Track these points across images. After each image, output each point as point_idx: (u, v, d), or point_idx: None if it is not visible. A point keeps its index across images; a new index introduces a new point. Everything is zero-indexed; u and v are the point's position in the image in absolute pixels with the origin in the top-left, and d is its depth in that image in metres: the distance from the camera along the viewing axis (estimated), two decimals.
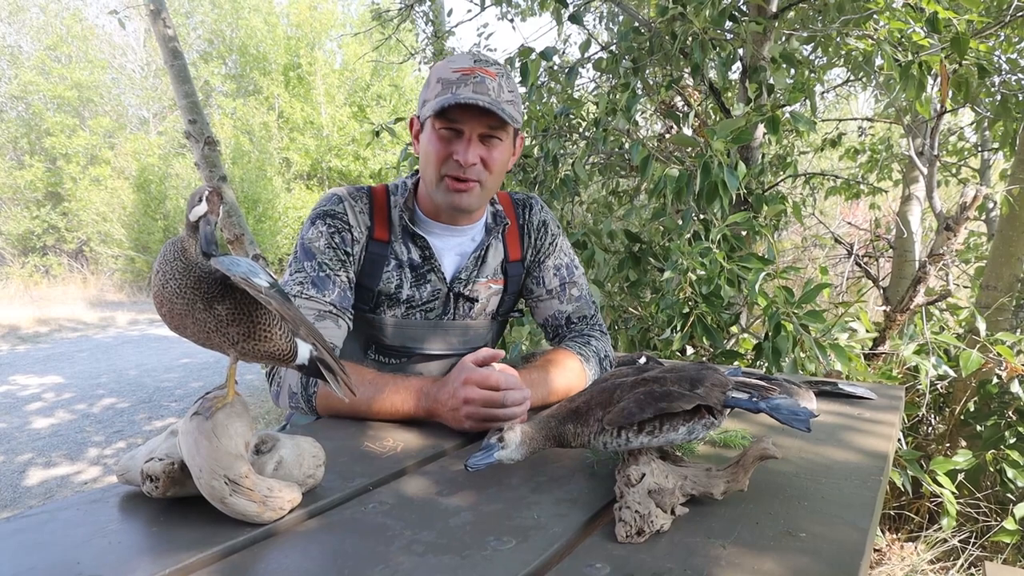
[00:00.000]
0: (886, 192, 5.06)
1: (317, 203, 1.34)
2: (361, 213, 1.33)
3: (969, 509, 2.41)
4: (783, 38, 2.78)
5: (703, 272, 2.06)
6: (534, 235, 1.44)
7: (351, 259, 1.30)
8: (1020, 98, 2.91)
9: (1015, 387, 2.23)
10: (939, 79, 2.48)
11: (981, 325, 2.34)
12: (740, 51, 2.68)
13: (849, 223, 6.00)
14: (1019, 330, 2.78)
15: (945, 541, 2.34)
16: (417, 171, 1.36)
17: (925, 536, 2.41)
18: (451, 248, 1.37)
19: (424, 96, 1.27)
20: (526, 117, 3.22)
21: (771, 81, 2.54)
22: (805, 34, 3.00)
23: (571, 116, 3.11)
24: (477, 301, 1.40)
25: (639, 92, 2.79)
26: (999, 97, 3.08)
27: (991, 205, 4.15)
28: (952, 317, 2.89)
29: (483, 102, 1.19)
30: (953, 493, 2.20)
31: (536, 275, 1.43)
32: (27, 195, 14.90)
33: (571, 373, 1.27)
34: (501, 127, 1.25)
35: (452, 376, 1.08)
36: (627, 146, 2.92)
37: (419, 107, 1.30)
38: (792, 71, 2.63)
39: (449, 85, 1.21)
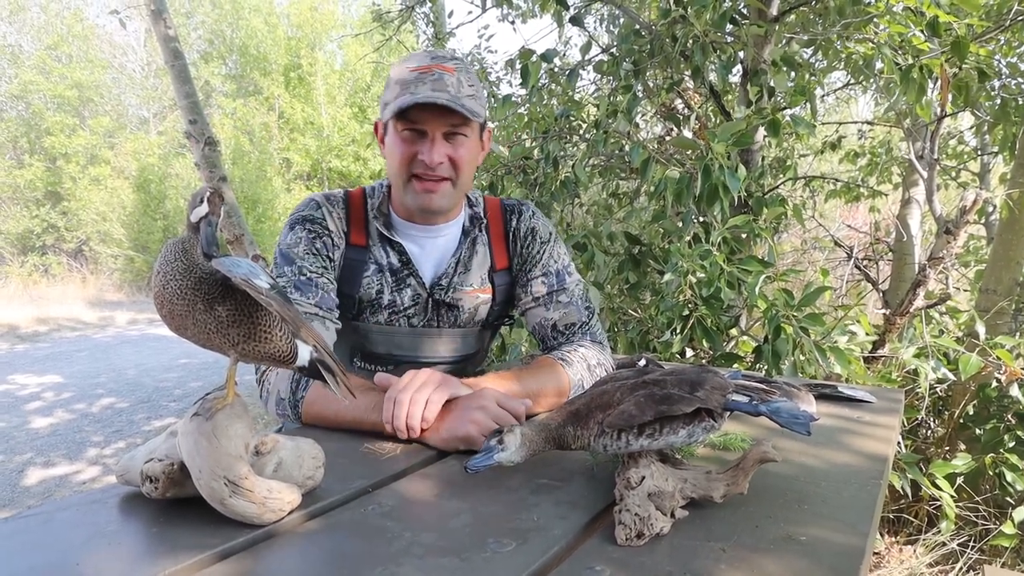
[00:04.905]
0: (886, 195, 5.06)
1: (295, 209, 1.31)
2: (339, 219, 1.30)
3: (968, 512, 2.41)
4: (784, 41, 2.78)
5: (703, 275, 2.06)
6: (520, 243, 1.38)
7: (332, 264, 1.27)
8: (1020, 102, 2.91)
9: (1014, 391, 2.23)
10: (939, 83, 2.48)
11: (980, 329, 2.34)
12: (741, 54, 2.68)
13: (849, 226, 6.00)
14: (1018, 334, 2.78)
15: (944, 544, 2.34)
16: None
17: (924, 539, 2.40)
18: (429, 253, 1.33)
19: (384, 99, 1.24)
20: (526, 119, 3.22)
21: (772, 84, 2.54)
22: (806, 37, 3.00)
23: (572, 118, 3.12)
24: (460, 309, 1.35)
25: (640, 94, 2.79)
26: (999, 101, 3.09)
27: (991, 209, 4.16)
28: (952, 320, 2.88)
29: (442, 100, 1.15)
30: (952, 496, 2.20)
31: (524, 283, 1.37)
32: (27, 194, 14.91)
33: (547, 373, 1.21)
34: (464, 124, 1.21)
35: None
36: (627, 148, 2.92)
37: (380, 110, 1.27)
38: (793, 74, 2.63)
39: (407, 85, 1.17)
